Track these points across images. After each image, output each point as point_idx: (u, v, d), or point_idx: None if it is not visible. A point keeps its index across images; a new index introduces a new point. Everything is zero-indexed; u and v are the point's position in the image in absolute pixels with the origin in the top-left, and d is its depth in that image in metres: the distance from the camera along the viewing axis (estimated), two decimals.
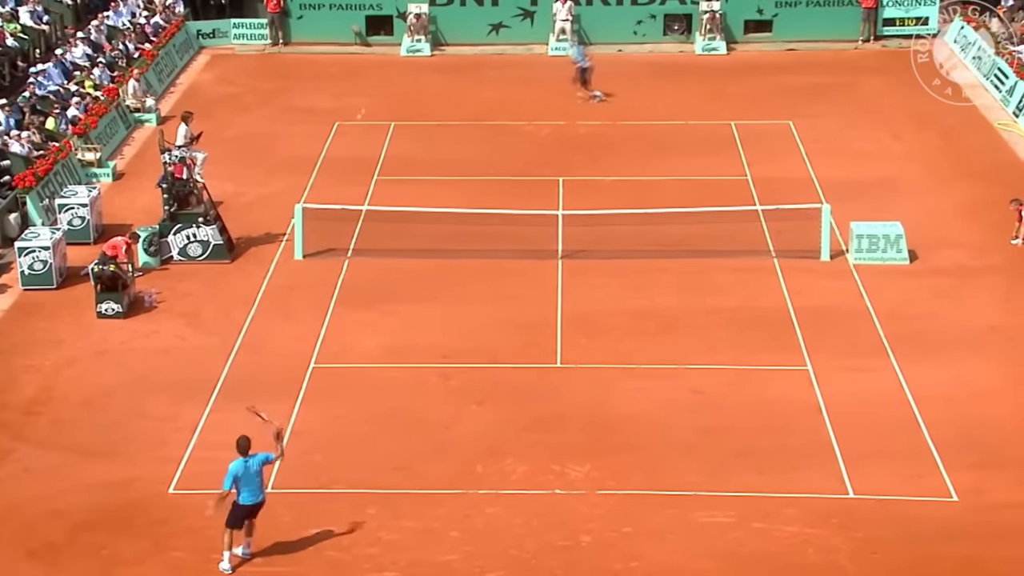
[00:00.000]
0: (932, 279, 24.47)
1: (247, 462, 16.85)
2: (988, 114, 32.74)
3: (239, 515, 16.93)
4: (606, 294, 24.05)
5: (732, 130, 31.82)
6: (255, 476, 16.91)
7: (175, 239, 25.59)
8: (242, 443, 16.91)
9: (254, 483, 16.91)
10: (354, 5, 39.18)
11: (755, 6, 38.89)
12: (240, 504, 16.89)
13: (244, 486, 16.85)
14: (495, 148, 31.17)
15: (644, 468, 18.97)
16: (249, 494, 16.90)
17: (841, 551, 17.18)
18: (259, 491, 16.99)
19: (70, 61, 34.04)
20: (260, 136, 32.10)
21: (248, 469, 16.84)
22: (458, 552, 17.32)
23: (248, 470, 16.84)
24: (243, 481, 16.83)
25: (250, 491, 16.90)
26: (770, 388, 21.01)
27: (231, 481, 16.80)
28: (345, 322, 23.27)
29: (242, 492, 16.87)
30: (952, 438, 19.44)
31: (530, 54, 38.40)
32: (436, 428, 20.14)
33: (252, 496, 16.93)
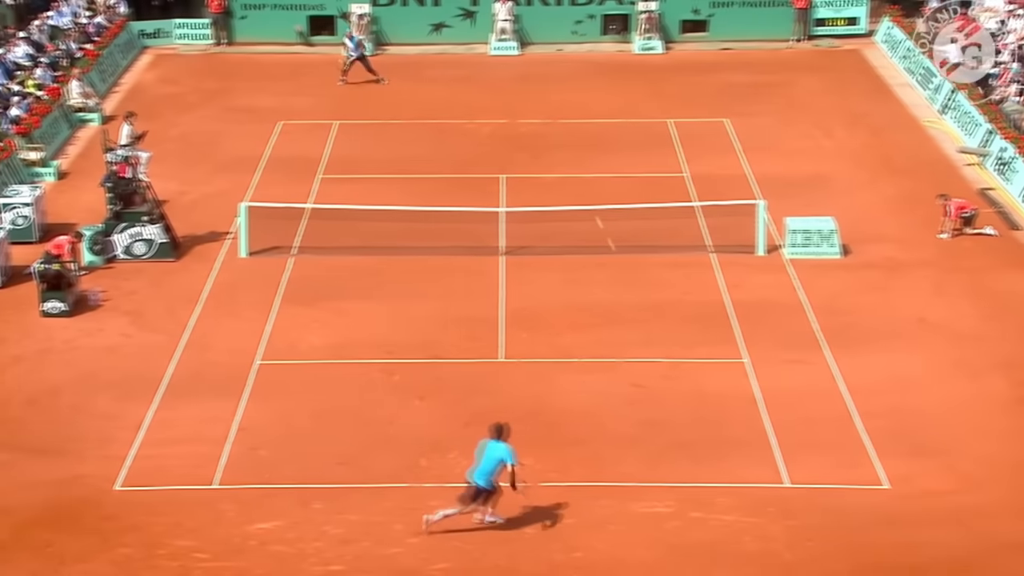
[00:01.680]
0: (864, 272, 24.72)
1: (487, 443, 17.02)
2: (915, 112, 33.12)
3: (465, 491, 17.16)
4: (547, 289, 24.09)
5: (669, 128, 31.97)
6: (483, 460, 17.00)
7: (120, 238, 25.34)
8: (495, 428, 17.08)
9: (479, 466, 16.99)
10: (297, 5, 38.97)
11: (691, 6, 39.10)
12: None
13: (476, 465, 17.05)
14: (438, 146, 31.13)
15: (585, 460, 19.02)
16: (476, 473, 17.04)
17: (777, 539, 17.32)
18: (481, 477, 17.02)
19: (12, 61, 33.56)
20: (204, 135, 31.84)
21: (481, 450, 17.03)
22: (403, 545, 17.29)
23: (481, 451, 17.03)
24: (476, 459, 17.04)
25: (478, 472, 17.03)
26: (707, 381, 21.13)
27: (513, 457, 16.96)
28: (290, 319, 23.15)
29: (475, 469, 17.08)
30: (884, 428, 19.66)
31: (471, 53, 38.37)
32: (380, 423, 20.09)
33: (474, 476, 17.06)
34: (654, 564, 16.93)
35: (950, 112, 32.19)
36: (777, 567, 16.82)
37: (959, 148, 30.67)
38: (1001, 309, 23.27)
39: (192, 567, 16.88)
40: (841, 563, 16.83)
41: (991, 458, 19.00)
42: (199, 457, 19.09)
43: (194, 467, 18.85)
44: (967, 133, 30.97)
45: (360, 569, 16.87)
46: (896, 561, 16.83)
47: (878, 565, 16.77)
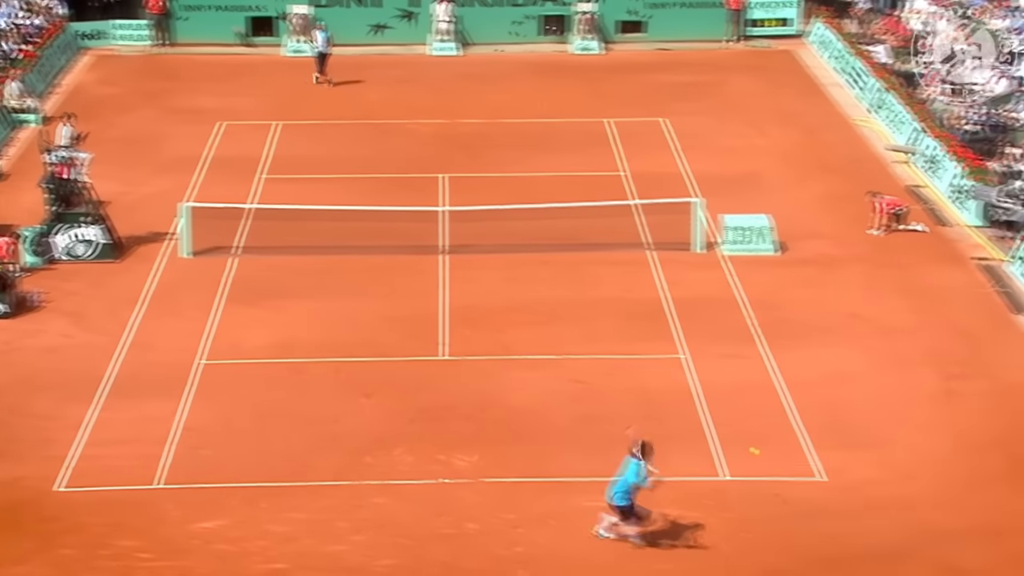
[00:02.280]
0: (798, 269, 24.90)
1: (627, 460, 16.85)
2: (846, 111, 33.44)
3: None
4: (489, 287, 24.05)
5: (607, 127, 32.03)
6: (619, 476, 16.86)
7: (60, 239, 24.99)
8: (636, 446, 16.87)
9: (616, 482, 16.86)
10: (237, 7, 38.61)
11: (628, 7, 39.20)
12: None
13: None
14: (379, 146, 30.98)
15: (527, 456, 19.00)
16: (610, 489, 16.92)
17: (716, 531, 17.40)
18: (610, 487, 16.89)
19: None
20: (145, 136, 31.47)
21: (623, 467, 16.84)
22: (347, 542, 17.18)
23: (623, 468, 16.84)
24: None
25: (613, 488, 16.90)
26: (647, 376, 21.19)
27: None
28: (233, 319, 22.93)
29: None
30: (818, 421, 19.81)
31: (411, 54, 38.22)
32: (325, 421, 19.95)
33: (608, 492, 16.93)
34: (595, 558, 16.94)
35: (880, 111, 32.51)
36: (715, 559, 16.90)
37: (888, 146, 30.99)
38: (930, 303, 23.53)
39: (135, 567, 16.67)
40: (778, 554, 16.95)
41: (923, 449, 19.22)
42: (142, 457, 18.86)
43: (137, 467, 18.63)
44: (896, 131, 31.30)
45: (304, 567, 16.74)
46: (832, 551, 16.97)
47: (814, 555, 16.90)
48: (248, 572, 16.65)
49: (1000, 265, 24.99)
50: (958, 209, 27.26)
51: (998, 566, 16.83)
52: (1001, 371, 21.33)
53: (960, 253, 25.63)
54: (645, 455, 16.90)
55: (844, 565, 16.69)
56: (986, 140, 28.91)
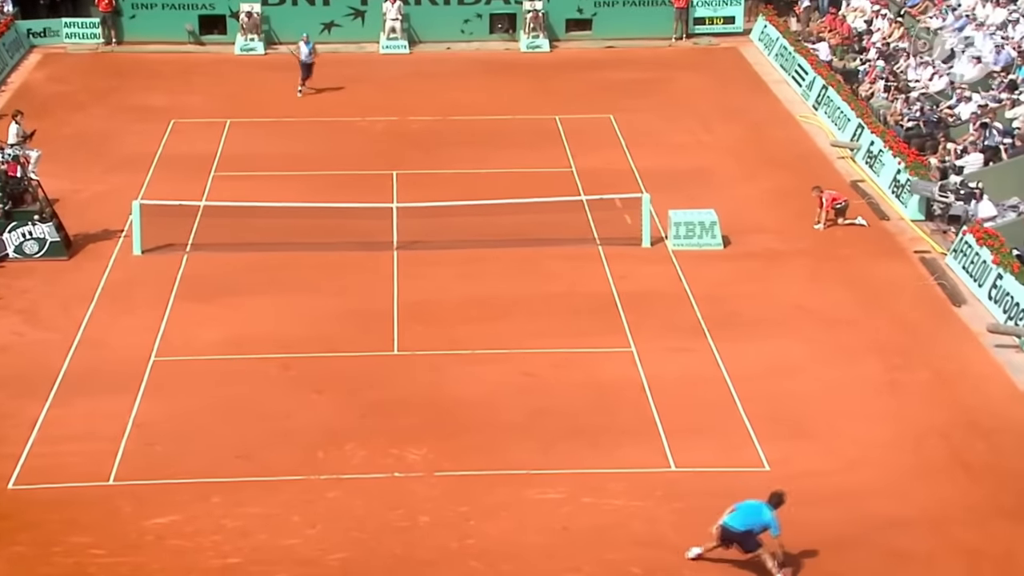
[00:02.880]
0: (744, 263, 25.06)
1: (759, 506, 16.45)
2: (790, 108, 33.67)
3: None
4: (440, 283, 24.02)
5: (557, 124, 32.07)
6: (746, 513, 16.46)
7: (10, 237, 24.69)
8: (776, 498, 16.50)
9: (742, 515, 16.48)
10: (187, 5, 38.29)
11: (575, 5, 39.25)
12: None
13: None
14: (330, 144, 30.84)
15: (479, 449, 19.01)
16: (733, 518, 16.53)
17: (664, 521, 17.49)
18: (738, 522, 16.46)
19: None
20: (96, 134, 31.15)
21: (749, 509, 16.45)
22: (300, 536, 17.11)
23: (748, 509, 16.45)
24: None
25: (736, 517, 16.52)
26: (597, 369, 21.25)
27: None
28: (185, 315, 22.76)
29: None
30: (764, 412, 19.95)
31: (362, 52, 38.08)
32: (277, 417, 19.85)
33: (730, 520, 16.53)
34: (547, 549, 16.98)
35: (822, 108, 32.77)
36: (665, 548, 16.99)
37: (831, 142, 31.25)
38: (873, 295, 23.76)
39: (88, 563, 16.52)
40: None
41: (867, 439, 19.40)
42: (94, 454, 18.68)
43: (89, 464, 18.45)
44: (839, 128, 31.56)
45: (258, 561, 16.66)
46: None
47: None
48: (202, 567, 16.55)
49: (940, 258, 25.27)
50: (899, 203, 27.53)
51: (942, 552, 17.04)
52: (942, 362, 21.57)
53: (901, 246, 25.89)
54: (779, 503, 16.61)
55: (791, 553, 16.80)
56: (925, 136, 29.22)
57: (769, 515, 16.46)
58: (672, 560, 16.79)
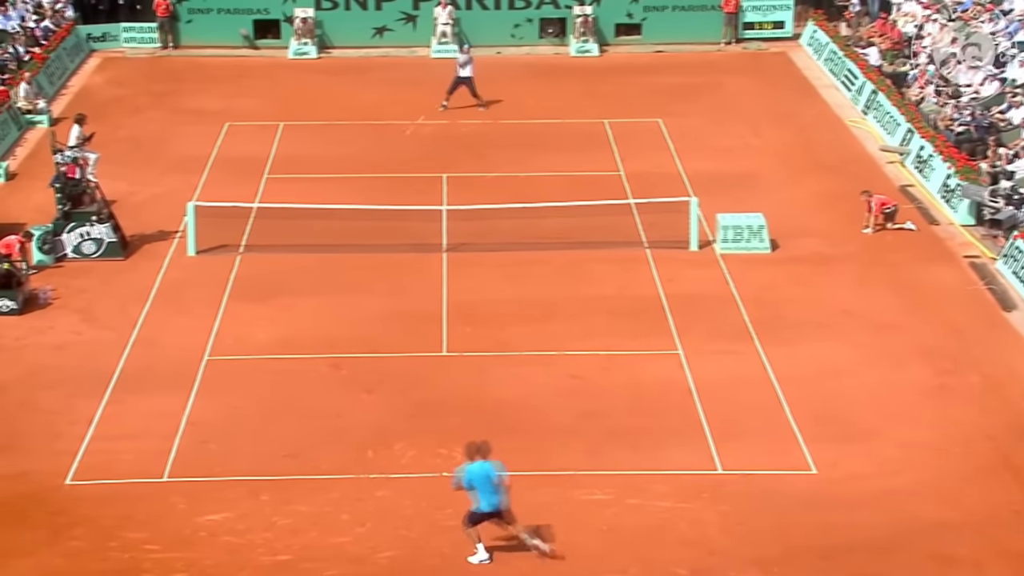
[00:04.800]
0: (792, 267, 24.92)
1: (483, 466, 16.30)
2: (840, 112, 33.44)
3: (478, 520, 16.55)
4: (488, 285, 24.07)
5: (605, 128, 32.03)
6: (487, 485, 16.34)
7: (69, 237, 25.01)
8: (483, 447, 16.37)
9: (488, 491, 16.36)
10: (242, 9, 38.62)
11: (625, 10, 39.18)
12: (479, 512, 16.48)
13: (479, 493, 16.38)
14: (381, 147, 30.98)
15: (526, 450, 19.00)
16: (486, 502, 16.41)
17: (711, 523, 17.43)
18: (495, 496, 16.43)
19: None
20: (152, 137, 31.48)
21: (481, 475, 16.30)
22: (350, 534, 17.21)
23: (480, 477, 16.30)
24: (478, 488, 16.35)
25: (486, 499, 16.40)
26: (643, 371, 21.21)
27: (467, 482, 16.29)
28: (238, 316, 22.95)
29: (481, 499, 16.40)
30: (811, 415, 19.83)
31: (413, 56, 38.22)
32: (327, 416, 19.97)
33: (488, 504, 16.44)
34: (593, 550, 16.97)
35: (872, 112, 32.52)
36: (711, 550, 16.93)
37: (880, 147, 31.00)
38: (921, 300, 23.55)
39: (142, 558, 16.70)
40: (771, 545, 16.97)
41: (914, 442, 19.24)
42: (149, 451, 18.89)
43: (144, 461, 18.66)
44: (888, 132, 31.30)
45: (308, 558, 16.77)
46: (823, 542, 17.00)
47: (806, 547, 16.93)
48: (254, 564, 16.68)
49: (990, 263, 25.01)
50: (948, 208, 27.27)
51: (989, 556, 16.86)
52: (991, 367, 21.35)
53: (951, 251, 25.65)
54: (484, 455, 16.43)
55: (837, 556, 16.72)
56: (976, 141, 28.93)
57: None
58: (718, 562, 16.73)
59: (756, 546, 16.95)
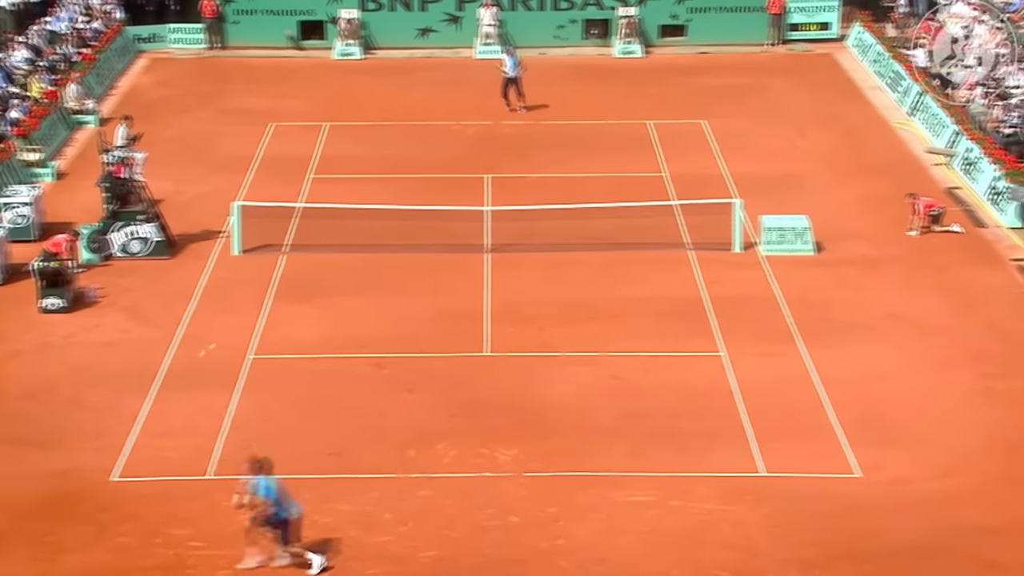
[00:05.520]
0: (836, 269, 24.72)
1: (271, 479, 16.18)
2: (886, 114, 33.15)
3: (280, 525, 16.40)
4: (531, 285, 24.03)
5: (649, 129, 31.92)
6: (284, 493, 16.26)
7: (116, 236, 25.21)
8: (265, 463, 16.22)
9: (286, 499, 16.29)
10: (288, 11, 38.82)
11: (669, 12, 39.07)
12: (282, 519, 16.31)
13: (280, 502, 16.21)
14: (425, 147, 31.03)
15: (568, 451, 18.96)
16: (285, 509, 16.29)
17: (753, 526, 17.30)
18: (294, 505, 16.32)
19: (11, 65, 33.34)
20: (198, 136, 31.69)
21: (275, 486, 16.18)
22: (392, 533, 17.21)
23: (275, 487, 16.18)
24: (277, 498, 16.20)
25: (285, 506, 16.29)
26: (686, 373, 21.10)
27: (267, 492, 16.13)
28: (282, 315, 23.03)
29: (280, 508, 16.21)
30: (855, 418, 19.65)
31: (457, 57, 38.27)
32: (369, 415, 19.99)
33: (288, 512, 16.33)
34: (635, 551, 16.88)
35: (918, 114, 32.23)
36: (753, 553, 16.80)
37: (927, 149, 30.70)
38: (967, 303, 23.28)
39: (187, 555, 16.78)
40: (814, 548, 16.82)
41: (958, 447, 19.02)
42: (194, 449, 18.98)
43: (189, 458, 18.75)
44: (935, 134, 31.01)
45: (350, 557, 16.78)
46: (866, 546, 16.83)
47: (848, 550, 16.77)
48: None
49: None
50: (996, 211, 26.96)
51: None
52: None
53: (998, 254, 25.35)
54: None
55: (880, 559, 16.54)
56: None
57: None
58: (760, 565, 16.59)
59: (798, 549, 16.81)
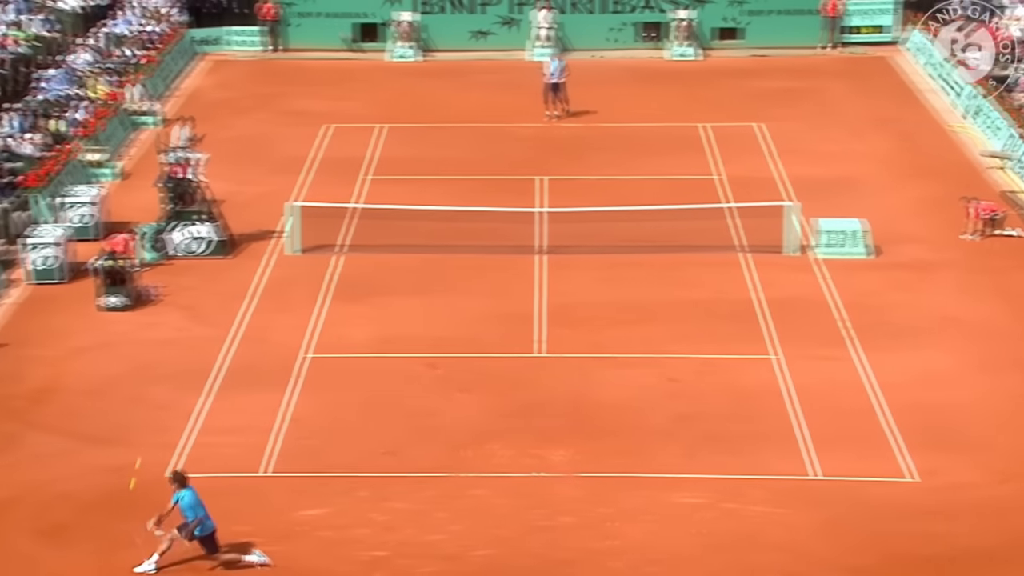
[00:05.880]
0: (891, 272, 24.46)
1: (192, 491, 16.23)
2: (942, 117, 32.77)
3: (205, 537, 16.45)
4: (585, 287, 23.97)
5: (703, 132, 31.75)
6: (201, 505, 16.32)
7: (176, 235, 25.43)
8: (179, 476, 16.32)
9: (203, 511, 16.35)
10: (345, 14, 38.99)
11: (725, 14, 38.84)
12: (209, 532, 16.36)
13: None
14: (480, 149, 31.04)
15: (621, 452, 18.89)
16: (209, 523, 16.35)
17: (807, 529, 17.14)
18: (208, 519, 16.35)
19: (76, 67, 33.77)
20: (257, 138, 31.91)
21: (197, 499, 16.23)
22: (446, 532, 17.23)
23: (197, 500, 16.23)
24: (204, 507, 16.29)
25: (208, 520, 16.35)
26: (740, 376, 20.96)
27: (196, 510, 16.21)
28: (338, 314, 23.13)
29: (206, 520, 16.30)
30: (911, 422, 19.42)
31: (512, 59, 38.26)
32: (424, 415, 20.03)
33: (209, 526, 16.36)
34: (688, 553, 16.78)
35: (975, 117, 31.80)
36: (807, 556, 16.64)
37: (983, 152, 30.31)
38: None
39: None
40: (868, 553, 16.64)
41: (1015, 452, 18.74)
42: (250, 446, 19.10)
43: (246, 455, 18.88)
44: (992, 137, 30.59)
45: (404, 555, 16.83)
46: (922, 552, 16.62)
47: (904, 555, 16.57)
48: (351, 559, 16.77)
49: None
50: None
51: None
52: None
53: None
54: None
55: (938, 565, 16.32)
56: None
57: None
58: (813, 569, 16.43)
59: (853, 554, 16.62)
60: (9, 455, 19.08)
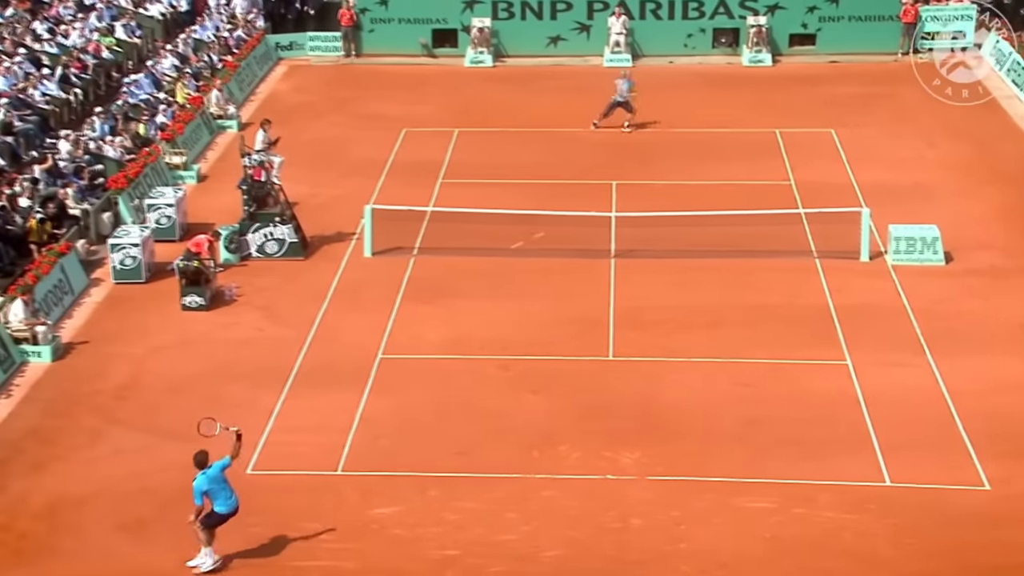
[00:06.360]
0: (966, 279, 24.11)
1: (207, 474, 16.44)
2: (1021, 124, 32.20)
3: (216, 522, 16.63)
4: (656, 291, 23.91)
5: (777, 137, 31.52)
6: (221, 484, 16.51)
7: (254, 237, 25.75)
8: (199, 458, 16.51)
9: (223, 492, 16.55)
10: (422, 19, 39.21)
11: (800, 21, 38.49)
12: (217, 513, 16.54)
13: (215, 497, 16.50)
14: (552, 153, 31.06)
15: (691, 455, 18.83)
16: (222, 503, 16.55)
17: (878, 536, 16.97)
18: (230, 497, 16.59)
19: (159, 72, 34.36)
20: (333, 141, 32.20)
21: (211, 481, 16.44)
22: (516, 532, 17.28)
23: (212, 482, 16.44)
24: (212, 493, 16.47)
25: (222, 500, 16.54)
26: (811, 381, 20.78)
27: (200, 496, 16.40)
28: (410, 316, 23.29)
29: (216, 502, 16.51)
30: (984, 430, 19.14)
31: (586, 65, 38.22)
32: (494, 416, 20.10)
33: (225, 505, 16.58)
34: (757, 557, 16.69)
35: None
36: (878, 563, 16.48)
37: None
38: None
39: (316, 548, 17.07)
40: (943, 561, 16.44)
41: None
42: (324, 445, 19.30)
43: (320, 454, 19.07)
44: None
45: (474, 554, 16.91)
46: (998, 561, 16.39)
47: (980, 564, 16.35)
48: (422, 557, 16.89)
49: None
50: None
51: None
52: None
53: None
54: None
55: (1012, 574, 16.06)
56: None
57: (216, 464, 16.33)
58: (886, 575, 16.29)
59: (925, 561, 16.43)
60: (91, 450, 19.46)
